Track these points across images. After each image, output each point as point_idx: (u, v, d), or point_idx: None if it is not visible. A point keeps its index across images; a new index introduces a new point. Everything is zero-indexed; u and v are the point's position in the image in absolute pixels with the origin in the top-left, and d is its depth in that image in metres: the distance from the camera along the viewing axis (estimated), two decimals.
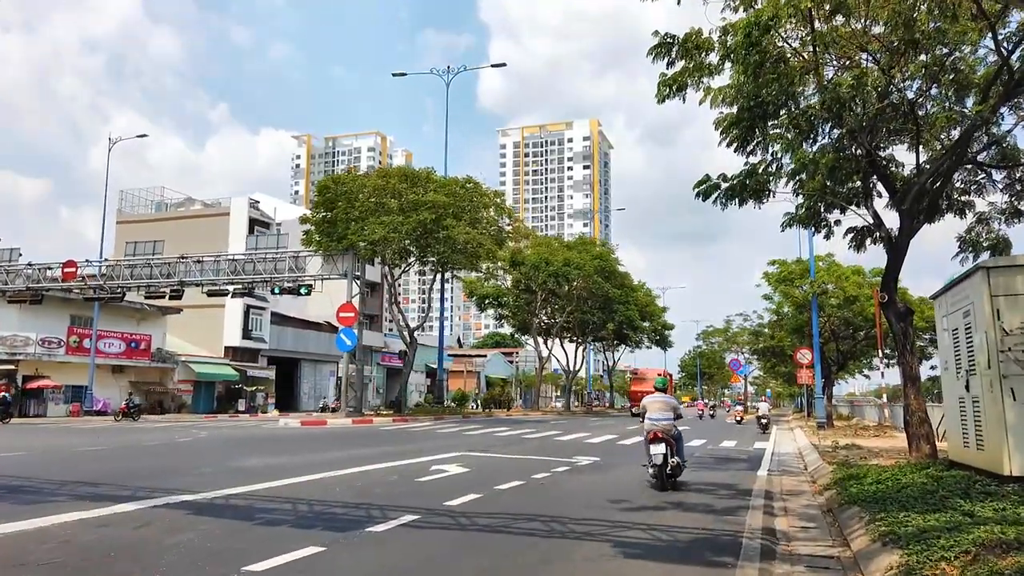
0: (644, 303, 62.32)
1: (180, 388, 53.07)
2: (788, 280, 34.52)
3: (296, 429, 26.80)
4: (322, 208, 31.46)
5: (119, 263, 33.22)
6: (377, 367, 73.36)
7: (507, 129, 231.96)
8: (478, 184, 34.41)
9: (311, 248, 31.70)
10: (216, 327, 58.03)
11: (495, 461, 14.41)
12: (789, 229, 16.52)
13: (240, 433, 23.90)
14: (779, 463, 15.78)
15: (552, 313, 57.52)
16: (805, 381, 35.92)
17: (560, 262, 48.39)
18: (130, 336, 48.99)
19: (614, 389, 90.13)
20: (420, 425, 28.70)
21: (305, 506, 8.31)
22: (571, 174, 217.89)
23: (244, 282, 31.63)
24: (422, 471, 11.95)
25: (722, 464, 15.33)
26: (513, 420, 37.86)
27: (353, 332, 30.18)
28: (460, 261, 33.78)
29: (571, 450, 18.03)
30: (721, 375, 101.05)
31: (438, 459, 14.08)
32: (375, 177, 32.44)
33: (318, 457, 14.63)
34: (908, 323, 14.00)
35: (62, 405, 44.99)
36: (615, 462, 15.09)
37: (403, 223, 29.99)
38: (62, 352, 44.33)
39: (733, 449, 20.31)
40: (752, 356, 68.15)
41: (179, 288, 32.12)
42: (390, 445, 18.09)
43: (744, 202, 15.41)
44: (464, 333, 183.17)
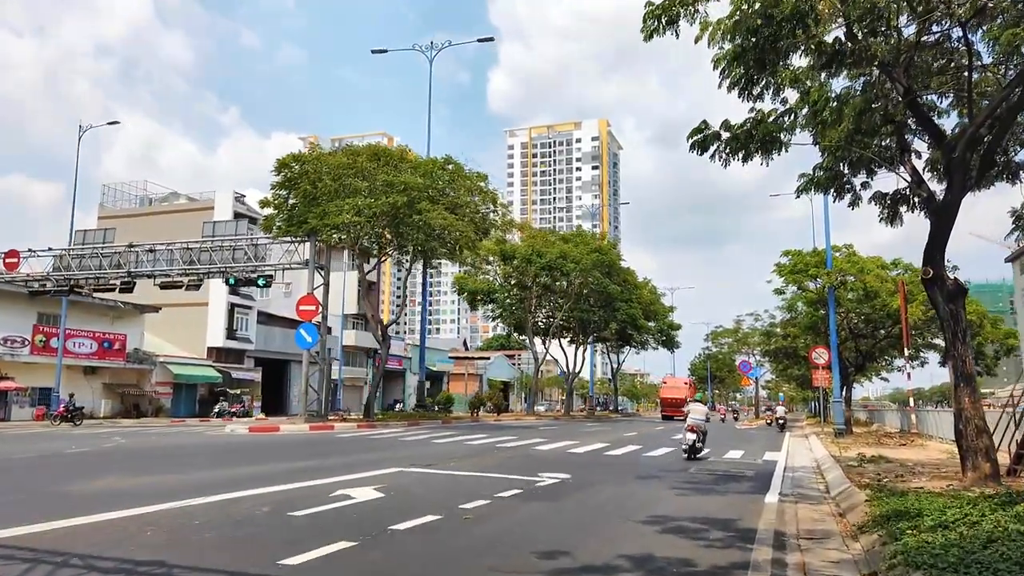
0: (648, 301, 58.92)
1: (158, 391, 50.37)
2: (802, 271, 31.36)
3: (239, 437, 23.89)
4: (281, 189, 28.50)
5: (66, 252, 30.43)
6: (374, 369, 70.59)
7: (515, 130, 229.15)
8: (460, 166, 31.37)
9: (270, 234, 28.76)
10: (199, 327, 55.41)
11: (430, 481, 11.45)
12: (805, 195, 13.49)
13: (167, 441, 20.98)
14: (793, 482, 12.74)
15: (551, 311, 54.35)
16: (821, 384, 32.72)
17: (555, 255, 45.20)
18: (103, 335, 46.35)
19: (618, 392, 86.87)
20: (384, 432, 25.71)
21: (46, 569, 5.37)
22: (579, 175, 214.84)
23: (199, 273, 28.77)
24: (317, 498, 9.00)
25: (722, 484, 12.30)
26: (499, 426, 34.78)
27: (314, 327, 27.29)
28: (438, 250, 30.66)
29: (543, 464, 15.05)
30: (732, 379, 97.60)
31: (357, 479, 11.13)
32: (341, 155, 29.43)
33: (213, 475, 11.75)
34: (959, 305, 10.95)
35: (28, 408, 42.32)
36: (588, 480, 12.09)
37: (371, 206, 27.03)
38: (27, 352, 41.70)
39: (739, 461, 17.26)
40: (764, 358, 64.93)
41: (129, 280, 29.32)
42: (319, 459, 15.14)
43: (750, 156, 12.42)
44: (472, 336, 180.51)
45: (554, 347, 61.58)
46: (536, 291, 50.05)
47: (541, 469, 13.71)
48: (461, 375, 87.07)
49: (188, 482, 10.60)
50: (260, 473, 11.87)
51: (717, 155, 12.25)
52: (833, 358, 29.51)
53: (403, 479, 11.38)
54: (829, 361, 30.33)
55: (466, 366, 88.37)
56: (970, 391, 10.51)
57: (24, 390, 42.68)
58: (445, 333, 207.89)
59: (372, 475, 11.71)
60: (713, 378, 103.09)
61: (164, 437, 23.28)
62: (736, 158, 12.31)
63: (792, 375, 62.10)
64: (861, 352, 38.12)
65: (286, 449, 17.99)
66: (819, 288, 33.50)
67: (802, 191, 13.42)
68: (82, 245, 30.16)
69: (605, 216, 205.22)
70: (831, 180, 13.31)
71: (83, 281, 30.28)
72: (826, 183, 13.29)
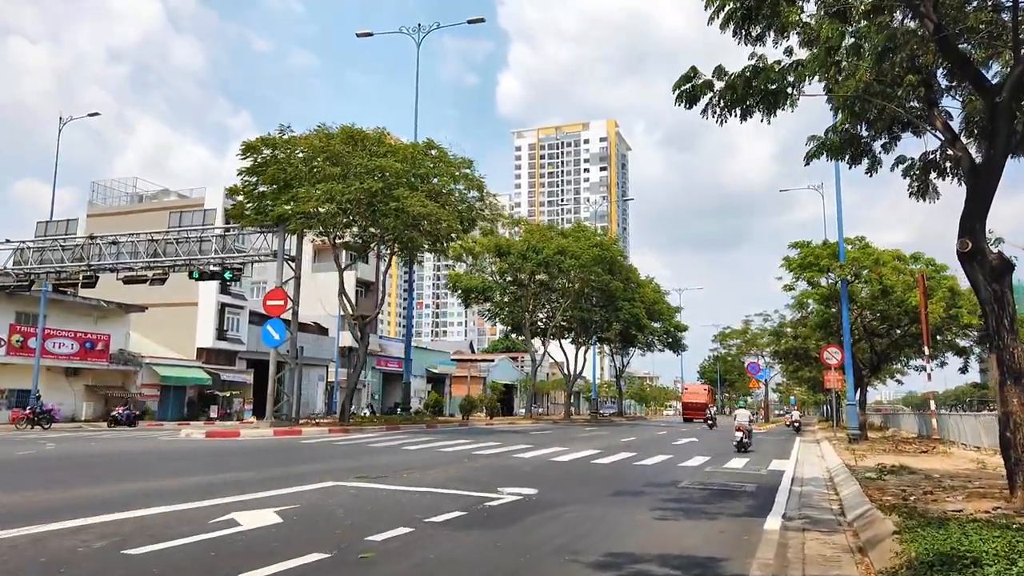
0: (652, 300, 56.65)
1: (144, 393, 48.61)
2: (812, 265, 29.18)
3: (188, 443, 21.95)
4: (250, 175, 26.49)
5: (24, 245, 28.63)
6: (372, 371, 68.80)
7: (522, 131, 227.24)
8: (444, 151, 29.24)
9: (237, 224, 26.82)
10: (188, 327, 53.64)
11: (359, 500, 9.47)
12: (816, 161, 11.46)
13: (102, 448, 18.98)
14: (801, 500, 10.71)
15: (551, 311, 52.20)
16: (833, 385, 30.64)
17: (552, 251, 43.06)
18: (85, 336, 44.62)
19: (625, 395, 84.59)
20: (354, 438, 23.70)
21: None
22: (587, 176, 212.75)
23: (163, 266, 26.92)
24: (192, 525, 7.08)
25: (716, 502, 10.29)
26: (488, 430, 32.68)
27: (282, 324, 25.38)
28: (417, 240, 28.56)
29: (514, 475, 13.09)
30: (743, 381, 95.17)
31: (268, 497, 9.15)
32: (314, 138, 27.43)
33: (94, 492, 9.86)
34: (1005, 285, 8.91)
35: (5, 411, 40.63)
36: (554, 499, 10.10)
37: (343, 191, 25.04)
38: (2, 352, 40.01)
39: (741, 472, 15.22)
40: (773, 360, 62.60)
41: (91, 275, 27.52)
42: (250, 470, 13.16)
43: (749, 113, 10.42)
44: (479, 339, 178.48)
45: (556, 349, 59.54)
46: (533, 289, 47.86)
47: (507, 483, 11.74)
48: (464, 378, 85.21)
49: (48, 502, 8.68)
50: (155, 489, 9.96)
51: (710, 110, 10.27)
52: (847, 358, 27.39)
53: (328, 497, 9.43)
54: (842, 361, 28.21)
55: (469, 368, 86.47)
56: (1020, 390, 8.48)
57: (0, 392, 41.12)
58: (452, 336, 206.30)
59: (292, 492, 9.77)
60: (723, 381, 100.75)
61: (107, 443, 21.40)
62: (733, 114, 10.32)
63: (803, 377, 59.81)
64: (876, 352, 35.88)
65: (223, 458, 16.08)
66: (831, 284, 31.37)
67: (812, 156, 11.40)
68: (43, 237, 28.39)
69: (613, 217, 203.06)
70: (846, 143, 11.30)
71: (44, 276, 28.53)
72: (840, 146, 11.28)
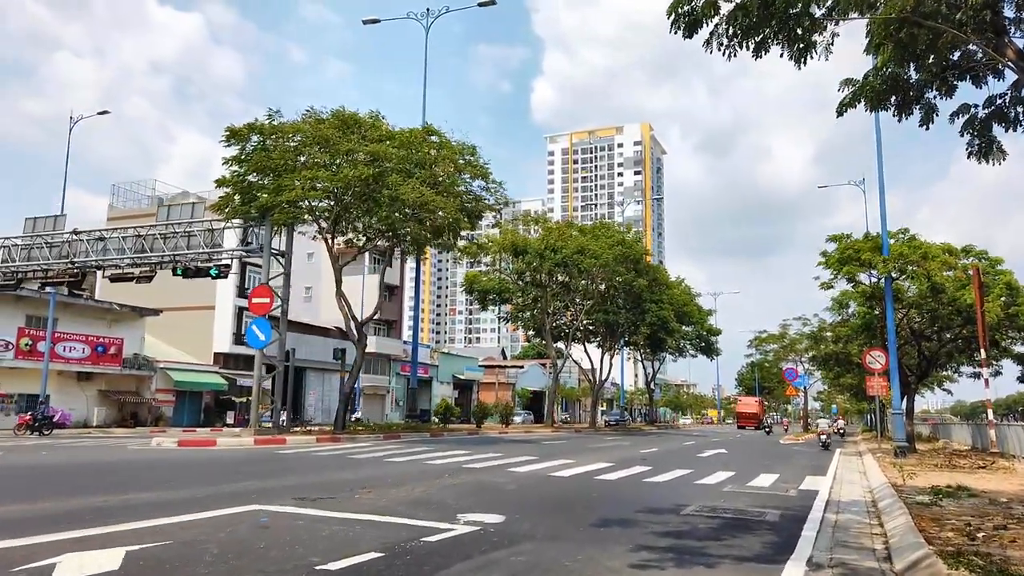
0: (681, 302, 53.94)
1: (158, 398, 47.65)
2: (853, 260, 26.59)
3: (152, 452, 20.24)
4: (235, 164, 24.77)
5: (10, 242, 27.41)
6: (396, 377, 67.36)
7: (555, 136, 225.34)
8: (445, 138, 27.13)
9: (221, 216, 25.16)
10: (205, 331, 52.75)
11: (267, 531, 7.53)
12: (852, 111, 9.25)
13: (50, 460, 17.34)
14: (835, 535, 8.50)
15: (575, 313, 49.90)
16: (877, 392, 28.03)
17: (571, 249, 40.79)
18: (97, 339, 43.76)
19: (658, 403, 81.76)
20: (339, 448, 21.75)
21: None
22: (621, 180, 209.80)
23: (150, 263, 25.42)
24: None
25: (725, 537, 8.15)
26: (496, 440, 30.46)
27: (267, 323, 23.62)
28: (415, 231, 26.52)
29: (491, 496, 11.11)
30: (781, 388, 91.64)
31: (138, 530, 7.25)
32: (303, 123, 25.65)
33: None
34: None
35: (13, 416, 39.75)
36: (517, 531, 8.04)
37: (330, 178, 23.24)
38: (10, 356, 39.21)
39: (765, 492, 12.99)
40: (813, 366, 59.49)
41: (77, 273, 26.21)
42: (174, 488, 11.22)
43: (766, 44, 8.30)
44: (512, 345, 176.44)
45: (582, 353, 57.25)
46: (553, 289, 45.56)
47: (475, 507, 9.73)
48: (492, 384, 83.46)
49: None
50: (12, 517, 8.17)
51: (714, 41, 8.16)
52: (892, 362, 24.78)
53: (224, 528, 7.50)
54: (887, 366, 25.59)
55: (497, 375, 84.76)
56: None
57: (9, 397, 40.33)
58: (486, 342, 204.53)
59: (185, 520, 7.87)
60: (761, 389, 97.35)
61: (60, 452, 19.79)
62: (745, 46, 8.20)
63: (845, 384, 56.61)
64: (924, 357, 33.02)
65: (157, 472, 14.28)
66: (874, 282, 28.75)
67: (847, 105, 9.20)
68: (32, 234, 27.20)
69: (648, 221, 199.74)
70: (888, 89, 9.09)
71: (30, 274, 27.32)
72: (882, 92, 9.07)
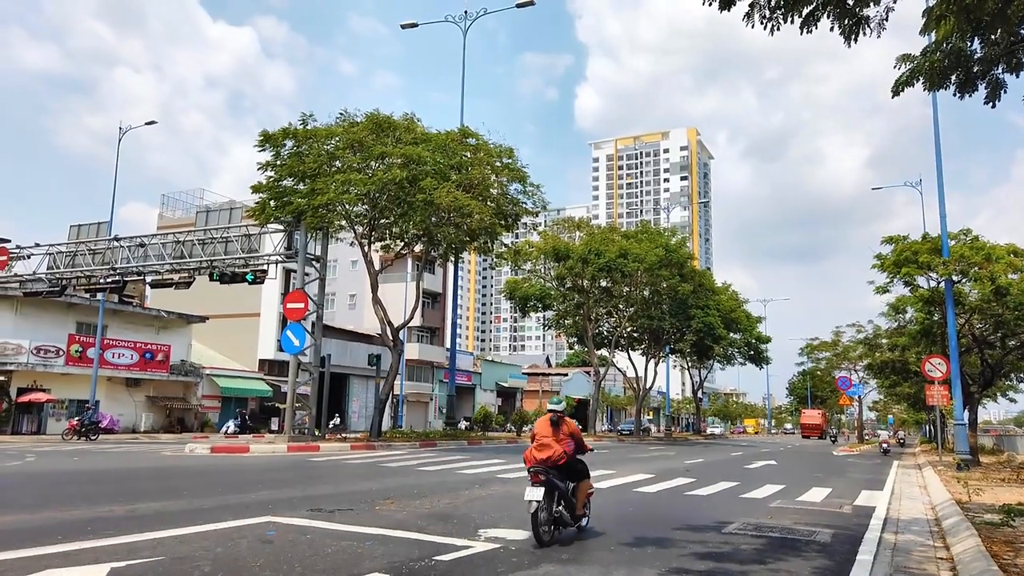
0: (729, 308, 52.40)
1: (204, 404, 48.20)
2: (910, 262, 25.23)
3: (191, 459, 20.13)
4: (269, 168, 24.66)
5: (53, 248, 27.77)
6: (440, 384, 67.23)
7: (600, 142, 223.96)
8: (483, 140, 26.57)
9: (257, 222, 25.03)
10: (251, 337, 53.40)
11: (271, 546, 7.05)
12: (910, 89, 8.43)
13: (67, 465, 17.32)
14: (895, 559, 7.65)
15: (619, 320, 48.86)
16: (937, 402, 26.50)
17: (614, 253, 39.86)
18: (144, 346, 44.46)
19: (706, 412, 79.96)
20: (372, 456, 21.28)
21: None
22: (667, 186, 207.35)
23: (189, 269, 25.46)
24: None
25: (770, 560, 7.38)
26: None
27: (302, 328, 23.38)
28: (450, 235, 26.06)
29: (516, 509, 10.47)
30: (834, 398, 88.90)
31: (133, 543, 6.83)
32: (337, 127, 25.36)
33: None
34: None
35: (64, 421, 40.52)
36: (542, 550, 7.46)
37: (363, 182, 22.93)
38: (61, 362, 40.00)
39: (816, 508, 12.10)
40: (867, 374, 57.37)
41: (119, 279, 26.41)
42: (191, 497, 11.00)
43: (813, 19, 7.57)
44: (557, 353, 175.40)
45: (627, 361, 56.15)
46: (595, 295, 44.64)
47: (500, 521, 9.16)
48: (536, 392, 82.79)
49: None
50: (6, 527, 7.84)
51: (756, 12, 7.45)
52: (953, 370, 23.39)
53: (227, 542, 7.04)
54: (948, 374, 24.20)
55: (541, 383, 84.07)
56: None
57: (60, 402, 41.11)
58: (530, 350, 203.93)
59: (187, 533, 7.45)
60: (813, 398, 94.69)
61: (94, 458, 19.82)
62: (789, 19, 7.47)
63: (902, 393, 54.43)
64: (988, 364, 31.31)
65: (180, 480, 14.00)
66: (934, 286, 27.33)
67: (904, 84, 8.39)
68: (76, 241, 27.57)
69: (695, 228, 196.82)
70: (951, 64, 8.24)
71: (74, 281, 27.67)
72: (942, 68, 8.23)
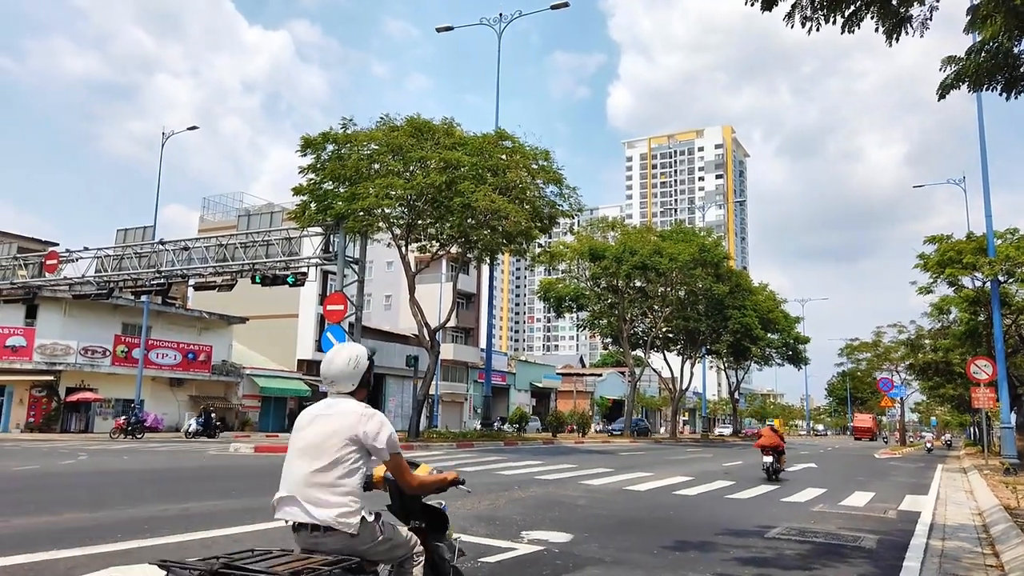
0: (766, 309, 51.78)
1: (245, 404, 49.07)
2: (954, 262, 24.75)
3: (235, 458, 20.58)
4: (311, 172, 25.09)
5: (101, 252, 28.54)
6: (474, 384, 67.54)
7: (633, 141, 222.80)
8: (520, 143, 26.62)
9: (297, 225, 25.47)
10: (289, 338, 54.26)
11: None
12: (956, 91, 8.34)
13: (116, 464, 17.78)
14: (943, 567, 7.57)
15: (654, 320, 48.58)
16: (983, 404, 25.97)
17: (648, 252, 39.63)
18: (187, 347, 45.44)
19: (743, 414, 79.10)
20: (409, 456, 21.18)
21: None
22: (702, 184, 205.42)
23: (231, 271, 25.99)
24: None
25: (814, 566, 7.37)
26: (570, 450, 29.58)
27: (341, 330, 23.70)
28: (487, 238, 26.20)
29: (559, 512, 10.57)
30: (875, 400, 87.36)
31: (184, 542, 7.09)
32: (377, 131, 25.69)
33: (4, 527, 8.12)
34: None
35: (110, 420, 41.56)
36: (583, 554, 7.49)
37: (403, 186, 23.22)
38: (107, 362, 41.07)
39: (860, 513, 11.98)
40: (910, 375, 56.29)
41: (164, 282, 27.07)
42: (239, 496, 11.36)
43: (856, 19, 7.55)
44: (591, 353, 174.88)
45: (662, 362, 55.82)
46: (630, 295, 44.42)
47: (541, 523, 9.23)
48: (570, 392, 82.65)
49: None
50: (71, 525, 8.15)
51: (797, 13, 7.44)
52: (1000, 372, 22.91)
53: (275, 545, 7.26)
54: (994, 375, 23.69)
55: (575, 383, 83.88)
56: None
57: (106, 401, 42.18)
58: (564, 350, 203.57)
59: (238, 532, 7.66)
60: (852, 399, 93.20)
61: (143, 456, 20.34)
62: (831, 20, 7.45)
63: (945, 395, 53.31)
64: None
65: (231, 479, 14.36)
66: (979, 287, 26.77)
67: (950, 86, 8.30)
68: (122, 245, 28.33)
69: (731, 227, 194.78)
70: (998, 65, 8.13)
71: (121, 284, 28.43)
72: (988, 69, 8.13)
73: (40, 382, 38.76)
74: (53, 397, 39.38)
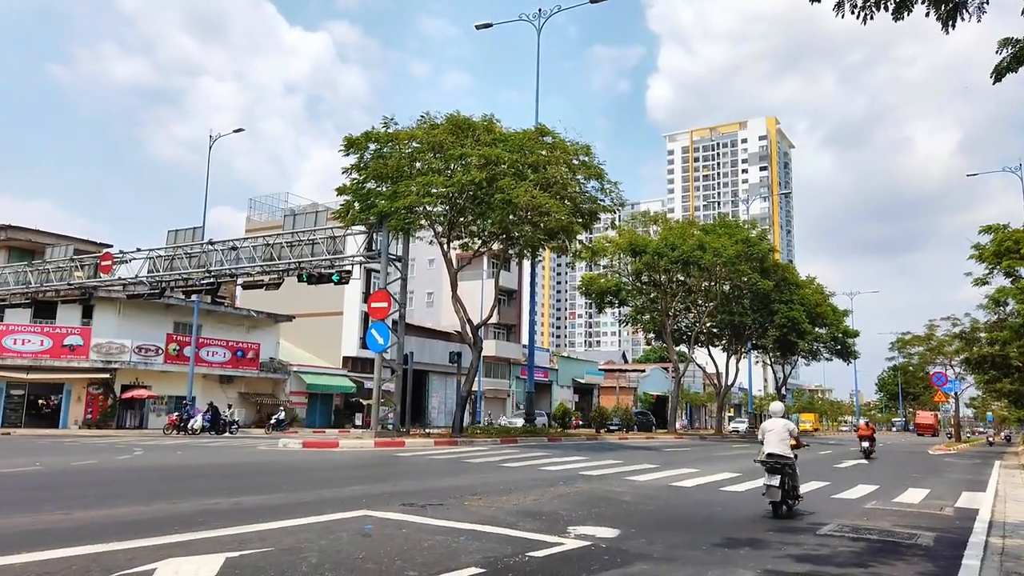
0: (814, 303, 50.79)
1: (292, 400, 49.94)
2: (1012, 252, 23.95)
3: (284, 453, 20.95)
4: (354, 171, 25.43)
5: (153, 253, 29.28)
6: (516, 380, 67.65)
7: (675, 134, 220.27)
8: (560, 138, 26.55)
9: (341, 224, 25.81)
10: (335, 335, 55.09)
11: (370, 539, 7.34)
12: (1012, 75, 8.06)
13: (170, 460, 18.21)
14: (1005, 562, 7.34)
15: (698, 315, 48.04)
16: None
17: (691, 247, 39.16)
18: (236, 344, 46.43)
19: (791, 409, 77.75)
20: (455, 451, 21.61)
21: None
22: (746, 176, 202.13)
23: (278, 270, 26.47)
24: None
25: (870, 564, 7.22)
26: (615, 446, 29.54)
27: (386, 327, 23.92)
28: (528, 234, 26.20)
29: (605, 507, 10.55)
30: (928, 395, 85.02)
31: (242, 535, 7.21)
32: (418, 129, 25.88)
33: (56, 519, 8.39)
34: None
35: (164, 416, 42.68)
36: (632, 549, 7.46)
37: (444, 183, 23.37)
38: (160, 360, 42.21)
39: (915, 510, 11.69)
40: (965, 370, 54.67)
41: (213, 281, 27.67)
42: (290, 490, 11.53)
43: (906, 6, 7.33)
44: (633, 349, 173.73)
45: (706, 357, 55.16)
46: (672, 290, 43.97)
47: (588, 519, 9.21)
48: (612, 388, 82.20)
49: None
50: (123, 519, 8.38)
51: (847, 2, 7.25)
52: None
53: (328, 535, 7.35)
54: None
55: (618, 379, 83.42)
56: None
57: (160, 398, 43.35)
58: (606, 346, 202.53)
59: (291, 525, 7.80)
60: (905, 395, 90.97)
61: (194, 452, 20.83)
62: (883, 7, 7.25)
63: (1002, 389, 51.64)
64: None
65: (281, 475, 14.54)
66: None
67: (1006, 70, 8.02)
68: (173, 246, 29.06)
69: (776, 219, 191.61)
70: None
71: (172, 284, 29.19)
72: None
73: (97, 380, 40.02)
74: (109, 394, 40.62)
